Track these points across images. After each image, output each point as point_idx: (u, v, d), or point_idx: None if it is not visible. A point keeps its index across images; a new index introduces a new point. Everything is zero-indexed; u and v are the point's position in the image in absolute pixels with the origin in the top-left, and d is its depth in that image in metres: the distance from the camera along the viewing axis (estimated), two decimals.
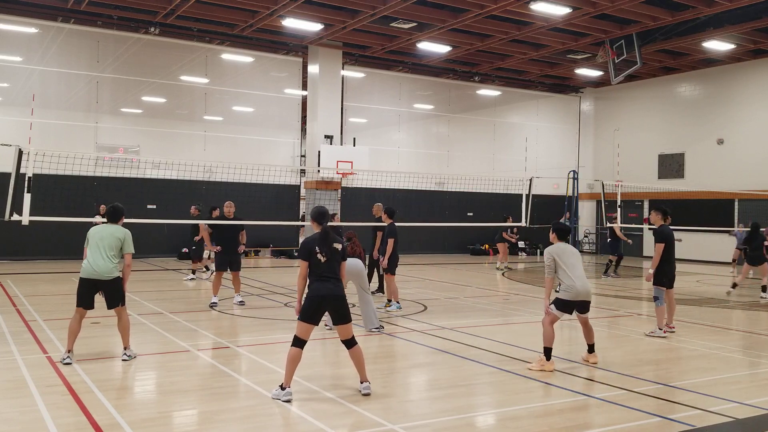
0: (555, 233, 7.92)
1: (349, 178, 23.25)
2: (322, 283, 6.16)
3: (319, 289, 6.14)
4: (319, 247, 6.23)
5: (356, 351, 6.31)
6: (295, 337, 6.17)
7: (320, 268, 6.20)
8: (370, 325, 9.61)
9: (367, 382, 6.29)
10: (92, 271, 7.35)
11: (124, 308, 7.65)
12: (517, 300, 13.59)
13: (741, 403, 6.20)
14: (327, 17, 19.84)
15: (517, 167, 27.50)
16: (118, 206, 7.86)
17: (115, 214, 7.79)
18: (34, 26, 20.08)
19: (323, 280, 6.17)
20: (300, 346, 6.15)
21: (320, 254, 6.20)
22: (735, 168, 24.05)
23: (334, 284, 6.20)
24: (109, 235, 7.49)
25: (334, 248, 6.29)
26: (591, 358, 7.77)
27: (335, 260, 6.28)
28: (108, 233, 7.52)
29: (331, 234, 6.37)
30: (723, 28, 20.43)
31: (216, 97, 24.60)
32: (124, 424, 5.31)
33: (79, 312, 7.41)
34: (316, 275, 6.21)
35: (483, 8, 18.41)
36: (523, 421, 5.65)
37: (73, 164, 14.02)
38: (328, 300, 6.14)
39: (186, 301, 12.56)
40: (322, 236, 6.31)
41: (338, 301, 6.18)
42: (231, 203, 11.79)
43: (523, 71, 26.97)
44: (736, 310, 13.15)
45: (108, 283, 7.44)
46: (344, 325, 6.25)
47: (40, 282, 14.60)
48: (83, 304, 7.41)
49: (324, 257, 6.20)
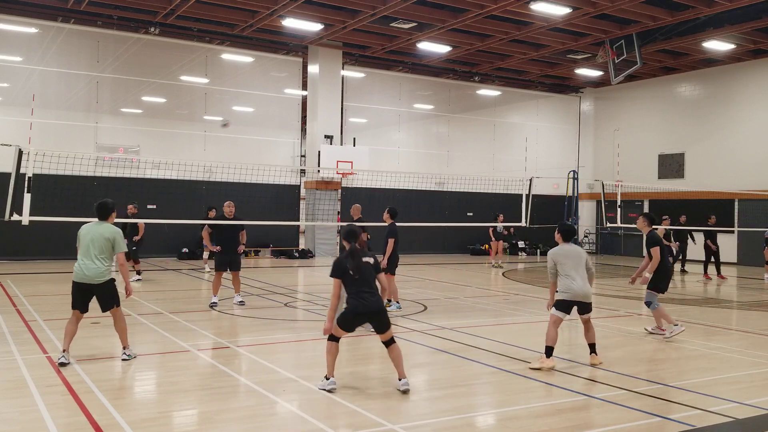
0: (560, 234, 7.98)
1: (349, 178, 23.26)
2: (360, 300, 6.30)
3: (357, 307, 6.30)
4: (349, 264, 6.37)
5: (395, 349, 6.44)
6: (332, 335, 6.42)
7: (356, 284, 6.36)
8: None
9: (405, 378, 6.37)
10: (83, 275, 7.11)
11: (119, 309, 7.44)
12: (517, 300, 13.59)
13: (741, 403, 6.20)
14: (327, 17, 19.86)
15: (517, 167, 27.50)
16: (106, 202, 7.43)
17: (103, 210, 7.37)
18: (34, 26, 20.09)
19: (361, 297, 6.31)
20: (336, 341, 6.43)
21: (351, 271, 6.35)
22: (735, 168, 24.04)
23: (373, 298, 6.34)
24: (99, 236, 7.14)
25: (365, 263, 6.44)
26: (593, 360, 7.75)
27: (369, 274, 6.44)
28: (98, 234, 7.17)
29: (358, 251, 6.50)
30: (723, 28, 20.43)
31: (216, 97, 24.60)
32: (123, 424, 5.31)
33: (75, 314, 7.26)
34: (353, 292, 6.36)
35: (483, 8, 18.42)
36: (523, 421, 5.65)
37: (73, 164, 14.02)
38: (367, 315, 6.36)
39: (186, 301, 12.55)
40: (350, 254, 6.45)
41: (378, 314, 6.36)
42: (231, 203, 11.78)
43: (523, 71, 26.98)
44: (736, 310, 13.15)
45: (100, 287, 7.18)
46: (385, 333, 6.45)
47: (40, 282, 14.60)
48: (77, 307, 7.25)
49: (356, 274, 6.35)
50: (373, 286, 6.44)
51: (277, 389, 6.43)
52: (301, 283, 16.42)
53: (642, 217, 9.79)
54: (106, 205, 7.38)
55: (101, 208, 7.36)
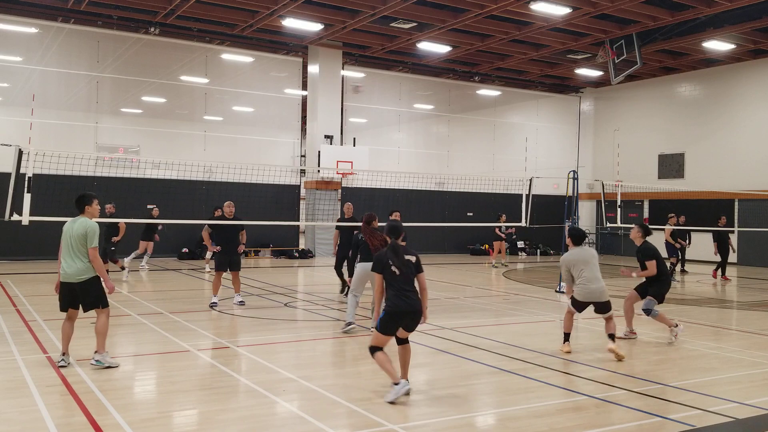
0: (571, 238, 8.41)
1: (349, 178, 23.26)
2: (401, 298, 6.16)
3: (398, 305, 6.14)
4: (391, 260, 6.24)
5: (405, 348, 6.36)
6: (372, 346, 6.24)
7: (397, 281, 6.21)
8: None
9: (405, 380, 6.26)
10: (65, 274, 6.90)
11: (105, 310, 7.07)
12: (516, 300, 13.58)
13: (741, 403, 6.20)
14: (327, 17, 19.86)
15: (517, 167, 27.50)
16: (83, 194, 7.11)
17: (80, 202, 7.04)
18: (34, 26, 20.09)
19: (402, 295, 6.16)
20: (380, 350, 6.22)
21: (394, 267, 6.21)
22: (735, 168, 24.04)
23: (413, 298, 6.21)
24: (74, 233, 6.88)
25: (407, 261, 6.29)
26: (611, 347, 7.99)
27: (410, 273, 6.29)
28: (73, 231, 6.90)
29: (401, 248, 6.36)
30: (723, 28, 20.43)
31: (216, 97, 24.60)
32: (124, 424, 5.31)
33: (68, 315, 7.08)
34: (394, 289, 6.21)
35: (483, 8, 18.43)
36: (523, 421, 5.65)
37: (73, 164, 14.02)
38: (407, 315, 6.18)
39: (186, 301, 12.55)
40: (392, 249, 6.31)
41: (416, 315, 6.23)
42: (231, 203, 11.78)
43: (523, 71, 26.98)
44: (736, 310, 13.15)
45: (81, 285, 6.91)
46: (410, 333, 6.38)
47: (40, 282, 14.59)
48: (67, 307, 7.04)
49: (398, 270, 6.21)
50: (413, 285, 6.29)
51: (277, 389, 6.43)
52: (301, 283, 16.42)
53: (637, 227, 9.60)
54: (82, 198, 7.06)
55: (78, 201, 7.06)
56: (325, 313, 11.32)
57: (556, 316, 11.82)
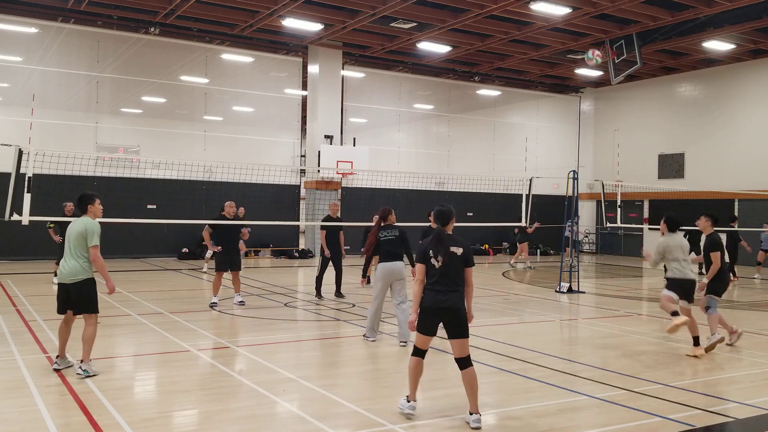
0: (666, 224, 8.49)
1: (349, 178, 23.26)
2: (435, 293, 5.56)
3: (430, 300, 5.57)
4: (433, 250, 5.63)
5: (469, 373, 5.57)
6: (415, 347, 5.72)
7: (435, 274, 5.59)
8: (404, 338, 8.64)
9: (477, 414, 5.47)
10: (60, 274, 6.74)
11: (94, 316, 6.79)
12: (517, 300, 13.58)
13: (741, 403, 6.20)
14: (327, 17, 19.85)
15: (517, 167, 27.50)
16: (84, 194, 6.93)
17: (82, 202, 6.86)
18: (34, 26, 20.08)
19: (436, 290, 5.56)
20: (420, 355, 5.67)
21: (434, 258, 5.60)
22: (735, 168, 24.04)
23: (449, 295, 5.54)
24: (74, 232, 6.70)
25: (452, 252, 5.62)
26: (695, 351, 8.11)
27: (452, 267, 5.61)
28: (74, 230, 6.72)
29: (446, 235, 5.72)
30: (723, 28, 20.42)
31: (216, 97, 24.61)
32: (124, 424, 5.31)
33: (65, 318, 6.92)
34: (430, 283, 5.63)
35: (483, 8, 18.42)
36: (523, 421, 5.65)
37: (73, 164, 14.01)
38: (439, 312, 5.56)
39: (186, 301, 12.55)
40: (437, 237, 5.70)
41: (452, 313, 5.55)
42: (232, 203, 11.79)
43: (523, 71, 26.98)
44: (736, 310, 13.14)
45: (74, 286, 6.68)
46: (458, 340, 5.57)
47: (40, 282, 14.59)
48: (64, 310, 6.87)
49: (438, 262, 5.58)
50: (454, 281, 5.59)
51: (277, 389, 6.43)
52: (301, 283, 16.42)
53: (704, 217, 9.07)
54: (83, 197, 6.87)
55: (79, 201, 6.89)
56: (325, 313, 11.32)
57: (556, 316, 11.83)
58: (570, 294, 14.45)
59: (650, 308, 13.00)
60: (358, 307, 11.89)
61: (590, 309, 12.59)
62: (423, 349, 5.68)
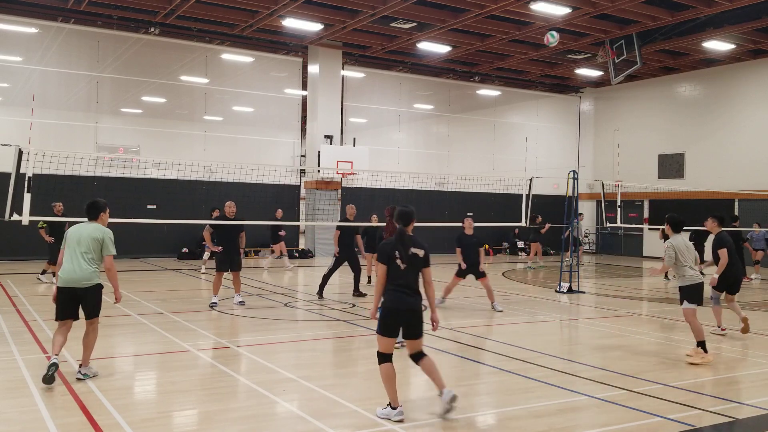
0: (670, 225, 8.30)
1: (349, 178, 23.26)
2: (397, 294, 5.63)
3: (395, 301, 5.63)
4: (398, 251, 5.67)
5: (426, 362, 5.73)
6: (378, 353, 5.67)
7: (399, 276, 5.65)
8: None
9: (445, 388, 5.64)
10: (68, 278, 6.52)
11: (96, 321, 6.78)
12: (517, 300, 13.58)
13: (741, 403, 6.20)
14: (327, 17, 19.86)
15: (517, 167, 27.50)
16: (96, 201, 6.87)
17: (93, 209, 6.80)
18: (34, 26, 20.09)
19: (398, 291, 5.63)
20: (389, 360, 5.64)
21: (399, 260, 5.65)
22: (735, 168, 24.04)
23: (410, 296, 5.65)
24: (87, 236, 6.60)
25: (413, 254, 5.71)
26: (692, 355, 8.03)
27: (415, 268, 5.72)
28: (86, 234, 6.62)
29: (407, 237, 5.77)
30: (723, 28, 20.43)
31: (216, 97, 24.61)
32: (124, 424, 5.31)
33: (62, 326, 6.59)
34: (392, 284, 5.65)
35: (483, 8, 18.43)
36: (523, 421, 5.65)
37: (73, 164, 14.00)
38: (403, 313, 5.63)
39: (186, 301, 12.55)
40: (399, 237, 5.75)
41: (412, 315, 5.65)
42: (232, 203, 11.78)
43: (523, 71, 26.98)
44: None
45: (87, 290, 6.57)
46: (416, 341, 5.71)
47: (40, 282, 14.59)
48: (67, 316, 6.60)
49: (403, 264, 5.65)
50: (414, 284, 5.70)
51: (277, 389, 6.43)
52: (301, 283, 16.42)
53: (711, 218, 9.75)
54: (96, 204, 6.83)
55: (91, 208, 6.82)
56: (325, 313, 11.32)
57: (556, 316, 11.83)
58: (570, 294, 14.45)
59: (650, 308, 13.00)
60: (358, 307, 11.90)
61: (590, 309, 12.59)
62: (389, 353, 5.64)
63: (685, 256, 8.17)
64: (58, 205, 14.28)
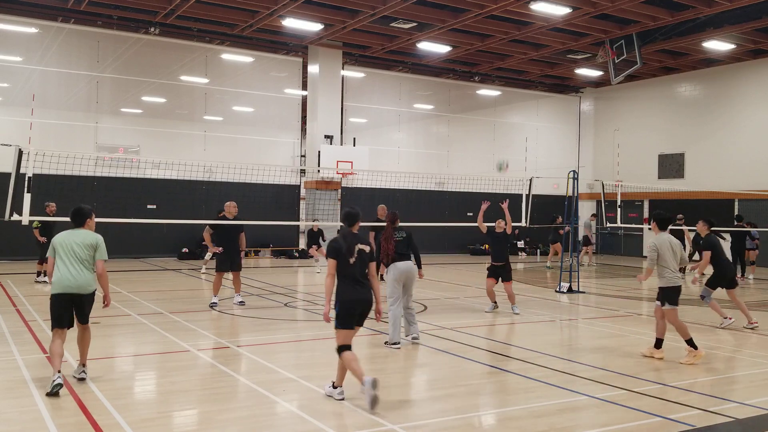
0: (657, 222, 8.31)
1: (349, 178, 23.25)
2: (353, 287, 6.09)
3: (352, 294, 6.07)
4: (348, 247, 6.14)
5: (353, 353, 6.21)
6: (341, 346, 6.05)
7: (349, 270, 6.11)
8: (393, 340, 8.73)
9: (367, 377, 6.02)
10: (68, 284, 6.43)
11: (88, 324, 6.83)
12: (517, 300, 13.55)
13: (741, 403, 6.20)
14: (327, 17, 19.85)
15: (517, 167, 27.49)
16: (81, 208, 6.76)
17: (79, 216, 6.71)
18: (34, 26, 20.08)
19: (354, 284, 6.10)
20: (348, 349, 6.05)
21: (349, 255, 6.11)
22: (735, 168, 24.04)
23: (363, 287, 6.16)
24: (80, 243, 6.55)
25: (360, 250, 6.19)
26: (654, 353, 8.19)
27: (362, 263, 6.19)
28: (79, 240, 6.57)
29: (353, 234, 6.28)
30: (723, 28, 20.43)
31: (216, 97, 24.60)
32: (124, 424, 5.31)
33: (60, 334, 6.46)
34: (347, 278, 6.10)
35: (483, 8, 18.42)
36: (523, 421, 5.65)
37: (73, 164, 14.01)
38: (360, 304, 6.11)
39: (186, 301, 12.55)
40: (343, 236, 6.24)
41: (368, 304, 6.16)
42: (233, 204, 11.77)
43: (523, 71, 26.98)
44: (736, 310, 13.13)
45: (87, 297, 6.59)
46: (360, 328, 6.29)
47: (40, 282, 14.58)
48: (64, 323, 6.48)
49: (353, 259, 6.12)
50: (365, 275, 6.21)
51: (277, 389, 6.43)
52: (301, 283, 16.43)
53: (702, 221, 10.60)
54: (81, 211, 6.72)
55: (76, 215, 6.72)
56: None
57: (556, 316, 11.83)
58: (570, 294, 14.46)
59: (650, 308, 12.98)
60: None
61: (590, 309, 12.59)
62: (349, 343, 6.05)
63: (667, 256, 8.06)
64: (51, 206, 14.27)
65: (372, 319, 6.49)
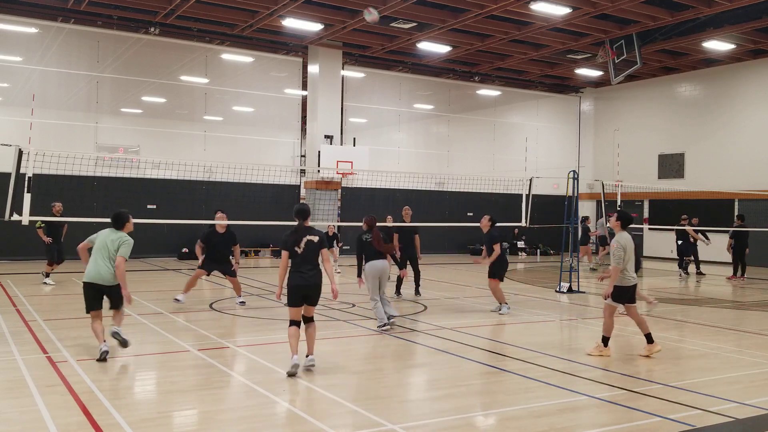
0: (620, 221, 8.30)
1: (349, 178, 23.25)
2: (299, 273, 7.02)
3: (296, 279, 7.03)
4: (295, 240, 7.07)
5: (311, 328, 7.23)
6: (291, 320, 7.13)
7: (298, 259, 7.06)
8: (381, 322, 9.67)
9: (312, 355, 7.12)
10: (93, 275, 7.54)
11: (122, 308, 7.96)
12: (517, 300, 13.57)
13: (741, 403, 6.20)
14: (327, 17, 19.84)
15: (517, 167, 27.47)
16: (120, 213, 7.84)
17: (118, 220, 7.79)
18: (34, 26, 20.07)
19: (300, 271, 7.03)
20: (297, 325, 7.12)
21: (296, 246, 7.05)
22: (735, 168, 24.03)
23: (310, 274, 7.04)
24: (111, 242, 7.62)
25: (309, 240, 7.11)
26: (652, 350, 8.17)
27: (311, 251, 7.09)
28: (111, 240, 7.64)
29: (304, 228, 7.19)
30: (723, 28, 20.42)
31: (216, 97, 24.59)
32: (123, 424, 5.31)
33: (95, 315, 7.57)
34: (294, 265, 7.08)
35: (483, 8, 18.42)
36: (523, 421, 5.65)
37: (73, 164, 14.01)
38: (303, 288, 7.03)
39: (186, 301, 12.53)
40: (294, 230, 7.18)
41: (311, 289, 7.07)
42: (223, 216, 11.75)
43: (523, 71, 26.97)
44: (736, 310, 13.14)
45: (112, 288, 7.66)
46: (312, 307, 7.21)
47: (40, 282, 14.59)
48: (95, 307, 7.59)
49: (300, 249, 7.04)
50: (313, 262, 7.09)
51: (277, 389, 6.43)
52: None
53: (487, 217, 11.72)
54: (120, 216, 7.78)
55: (116, 219, 7.77)
56: (325, 313, 11.32)
57: (556, 316, 11.83)
58: (570, 294, 14.45)
59: (650, 309, 12.98)
60: (358, 307, 11.90)
61: (590, 309, 12.59)
62: (297, 320, 7.13)
63: (629, 255, 8.17)
64: (57, 205, 14.29)
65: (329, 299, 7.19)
